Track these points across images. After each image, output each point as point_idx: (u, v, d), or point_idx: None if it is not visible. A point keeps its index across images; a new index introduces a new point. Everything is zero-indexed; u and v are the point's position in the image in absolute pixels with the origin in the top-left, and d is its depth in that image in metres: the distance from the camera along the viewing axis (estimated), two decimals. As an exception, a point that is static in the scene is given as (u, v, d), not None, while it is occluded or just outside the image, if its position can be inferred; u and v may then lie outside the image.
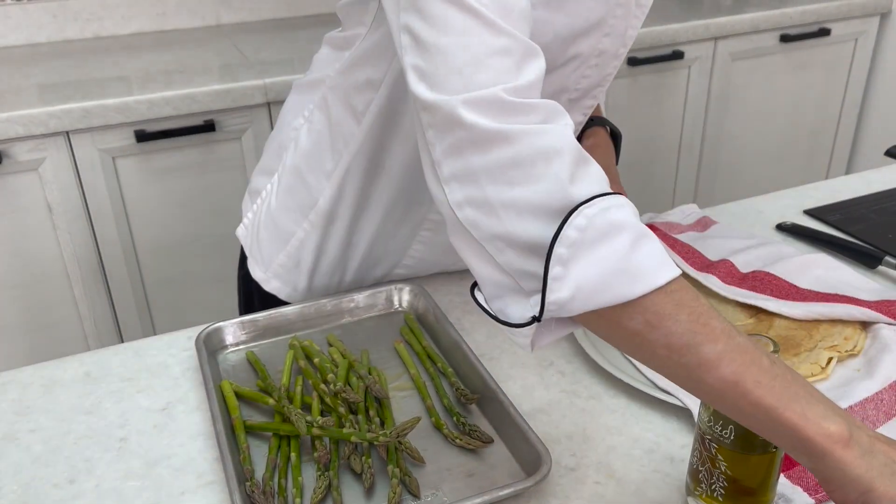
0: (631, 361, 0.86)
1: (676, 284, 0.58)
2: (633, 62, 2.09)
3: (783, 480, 0.70)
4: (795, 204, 1.23)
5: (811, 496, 0.69)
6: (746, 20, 2.21)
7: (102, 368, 0.88)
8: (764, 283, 0.95)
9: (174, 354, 0.90)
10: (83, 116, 1.59)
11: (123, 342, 0.94)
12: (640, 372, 0.84)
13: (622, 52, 0.89)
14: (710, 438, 0.64)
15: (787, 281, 0.95)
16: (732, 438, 0.62)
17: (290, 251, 0.99)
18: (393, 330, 0.94)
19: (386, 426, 0.77)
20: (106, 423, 0.80)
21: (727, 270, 0.96)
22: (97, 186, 1.67)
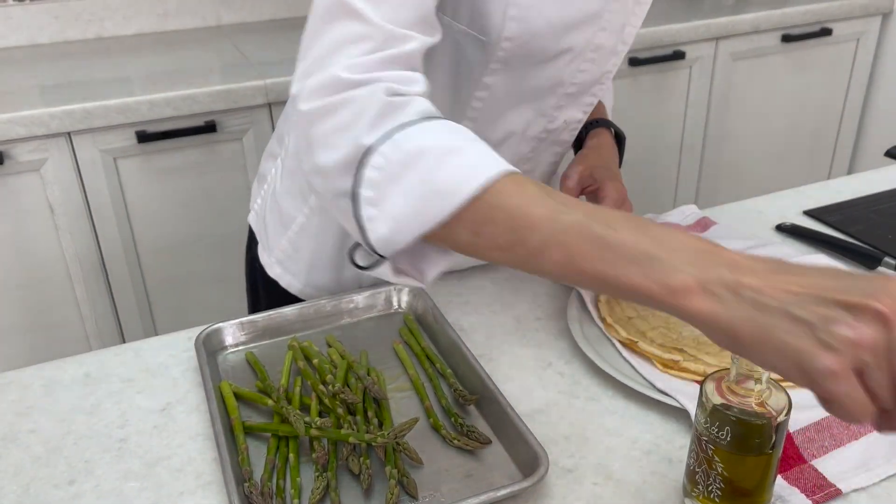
0: (629, 362, 0.86)
1: (493, 186, 0.59)
2: (634, 62, 2.09)
3: (780, 481, 0.70)
4: (795, 204, 1.23)
5: (808, 497, 0.69)
6: (748, 20, 2.21)
7: (102, 369, 0.88)
8: (763, 284, 0.95)
9: (174, 355, 0.90)
10: (84, 117, 1.59)
11: (125, 343, 0.94)
12: (638, 373, 0.85)
13: (621, 49, 0.89)
14: (706, 439, 0.64)
15: (785, 282, 0.95)
16: (729, 439, 0.62)
17: (290, 236, 1.01)
18: (392, 331, 0.94)
19: (384, 427, 0.78)
20: (105, 423, 0.81)
21: (726, 271, 0.96)
22: (98, 187, 1.68)
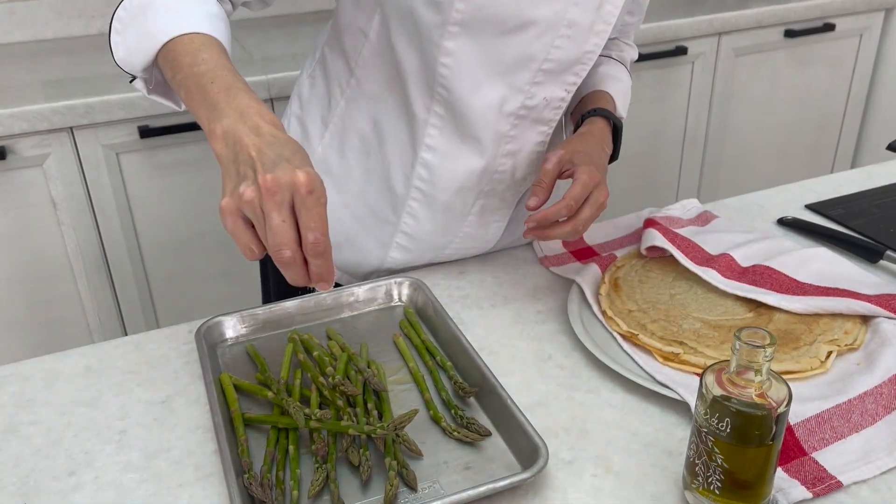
0: (630, 355, 0.86)
1: (182, 38, 0.76)
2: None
3: (780, 474, 0.70)
4: (797, 198, 1.22)
5: (808, 489, 0.69)
6: (750, 15, 2.20)
7: (103, 361, 0.89)
8: (764, 277, 0.94)
9: (174, 348, 0.91)
10: (87, 112, 1.60)
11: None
12: (638, 366, 0.84)
13: (601, 28, 0.89)
14: (706, 431, 0.64)
15: (787, 275, 0.95)
16: (729, 431, 0.62)
17: None
18: (392, 324, 0.94)
19: (384, 419, 0.78)
20: (106, 415, 0.81)
21: (727, 264, 0.96)
22: (101, 182, 1.68)
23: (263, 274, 1.22)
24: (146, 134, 1.66)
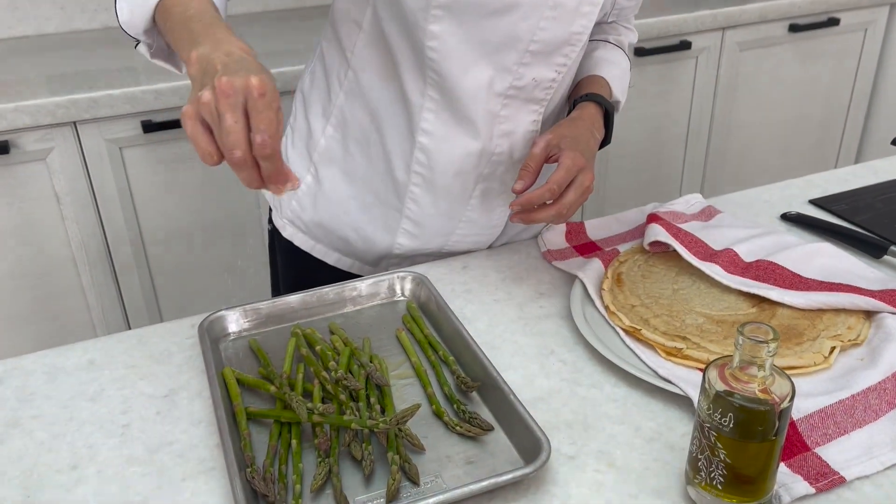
0: (632, 350, 0.86)
1: None
2: (640, 52, 2.08)
3: (783, 469, 0.70)
4: (801, 194, 1.22)
5: (811, 485, 0.69)
6: (755, 10, 2.20)
7: (106, 356, 0.89)
8: (767, 272, 0.94)
9: (177, 342, 0.91)
10: (90, 106, 1.60)
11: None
12: (641, 361, 0.84)
13: (588, 10, 0.90)
14: (709, 426, 0.64)
15: (790, 270, 0.94)
16: (732, 426, 0.62)
17: (298, 196, 1.08)
18: (395, 318, 0.94)
19: (387, 413, 0.78)
20: (109, 409, 0.81)
21: (730, 259, 0.96)
22: (104, 176, 1.68)
23: (273, 268, 1.23)
24: (149, 128, 1.66)
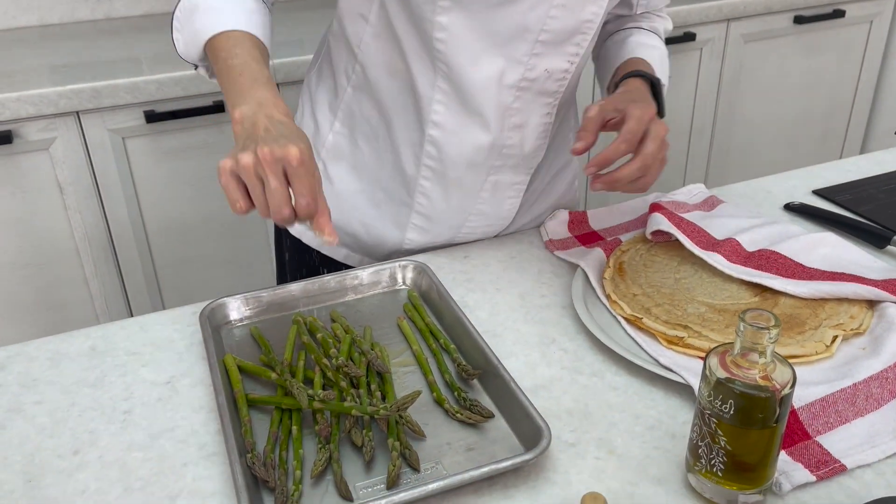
0: (634, 339, 0.86)
1: (223, 34, 0.86)
2: (644, 43, 2.07)
3: (784, 457, 0.70)
4: (804, 184, 1.22)
5: (812, 473, 0.68)
6: (759, 1, 2.19)
7: (108, 342, 0.89)
8: (770, 261, 0.94)
9: (179, 329, 0.91)
10: (93, 96, 1.60)
11: (132, 319, 0.95)
12: (642, 349, 0.84)
13: None
14: (709, 413, 0.64)
15: (792, 260, 0.94)
16: (732, 413, 0.62)
17: None
18: (396, 307, 0.94)
19: (387, 400, 0.78)
20: (110, 395, 0.81)
21: (733, 249, 0.96)
22: (107, 166, 1.68)
23: (280, 266, 1.22)
24: (152, 118, 1.66)
